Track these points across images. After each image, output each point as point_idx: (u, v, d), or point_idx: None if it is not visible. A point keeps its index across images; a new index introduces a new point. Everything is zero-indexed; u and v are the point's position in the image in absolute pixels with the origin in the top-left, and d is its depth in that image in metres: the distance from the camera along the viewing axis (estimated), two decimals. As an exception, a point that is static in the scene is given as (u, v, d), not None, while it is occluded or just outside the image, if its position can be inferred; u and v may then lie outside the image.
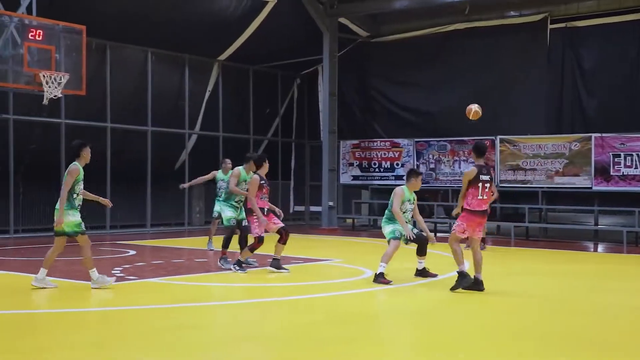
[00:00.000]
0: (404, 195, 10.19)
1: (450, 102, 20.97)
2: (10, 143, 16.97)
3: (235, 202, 11.77)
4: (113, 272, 10.99)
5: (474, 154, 9.63)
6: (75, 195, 9.02)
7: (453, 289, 9.29)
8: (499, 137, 19.28)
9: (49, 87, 13.76)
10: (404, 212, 10.18)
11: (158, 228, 20.04)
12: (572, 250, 16.01)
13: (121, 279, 10.29)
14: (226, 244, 11.62)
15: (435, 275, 10.54)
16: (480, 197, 9.30)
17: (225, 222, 11.86)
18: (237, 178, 11.54)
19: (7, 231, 17.17)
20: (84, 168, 9.14)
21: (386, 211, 10.43)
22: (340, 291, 9.68)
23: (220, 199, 12.45)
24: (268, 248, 11.27)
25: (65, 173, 9.06)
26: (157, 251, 14.60)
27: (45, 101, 14.02)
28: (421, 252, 10.45)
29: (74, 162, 9.09)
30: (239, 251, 11.44)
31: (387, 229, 10.29)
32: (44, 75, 13.72)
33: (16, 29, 13.58)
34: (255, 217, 10.69)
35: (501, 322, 7.70)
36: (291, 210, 24.76)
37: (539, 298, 9.32)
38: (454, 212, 9.95)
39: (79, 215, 9.11)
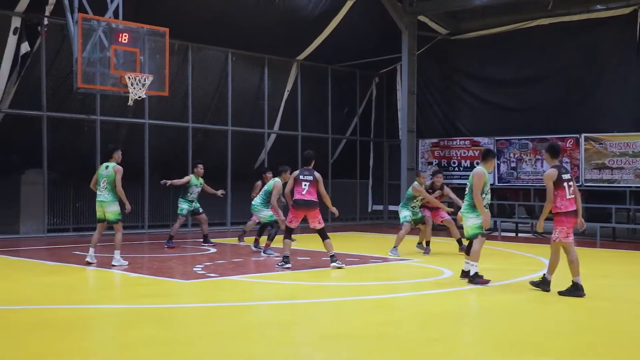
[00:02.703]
0: (486, 177, 9.47)
1: (534, 99, 20.50)
2: (97, 143, 17.51)
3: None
4: (194, 269, 11.23)
5: (548, 154, 9.26)
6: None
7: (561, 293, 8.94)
8: (583, 135, 18.69)
9: (134, 88, 14.13)
10: (484, 196, 9.52)
11: (238, 226, 20.27)
12: (662, 252, 15.43)
13: (202, 276, 10.49)
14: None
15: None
16: (569, 197, 8.92)
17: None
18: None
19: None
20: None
21: (466, 196, 9.65)
22: (418, 291, 9.59)
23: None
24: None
25: (115, 172, 11.48)
26: (237, 249, 14.80)
27: (130, 102, 14.43)
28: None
29: (115, 164, 11.60)
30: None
31: (469, 220, 9.55)
32: (129, 77, 14.09)
33: (104, 33, 13.99)
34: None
35: (592, 325, 7.47)
36: (369, 209, 24.70)
37: (634, 302, 9.02)
38: (539, 227, 9.20)
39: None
